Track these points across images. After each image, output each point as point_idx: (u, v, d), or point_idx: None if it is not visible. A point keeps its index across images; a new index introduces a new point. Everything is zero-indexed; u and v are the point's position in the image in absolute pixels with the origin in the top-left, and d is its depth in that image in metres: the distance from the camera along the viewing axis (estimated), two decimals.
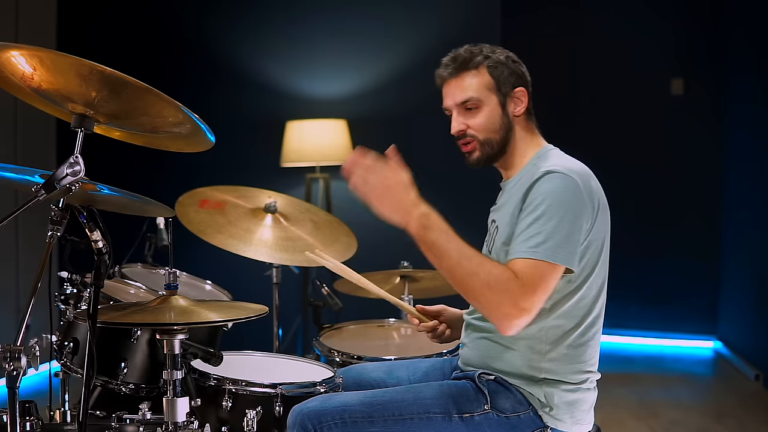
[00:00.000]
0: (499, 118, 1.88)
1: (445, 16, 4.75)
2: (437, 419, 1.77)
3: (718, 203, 5.44)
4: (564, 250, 1.67)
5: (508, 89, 1.88)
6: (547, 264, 1.65)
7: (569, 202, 1.71)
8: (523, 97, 1.90)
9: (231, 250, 2.72)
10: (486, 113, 1.87)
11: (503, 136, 1.89)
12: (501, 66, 1.88)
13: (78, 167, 1.55)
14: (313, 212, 3.01)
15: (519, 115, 1.90)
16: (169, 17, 5.06)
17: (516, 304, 1.60)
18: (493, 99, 1.87)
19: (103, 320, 1.75)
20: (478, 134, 1.88)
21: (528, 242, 1.67)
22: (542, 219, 1.69)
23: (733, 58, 5.23)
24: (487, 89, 1.87)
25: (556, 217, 1.68)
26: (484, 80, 1.87)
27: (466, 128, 1.89)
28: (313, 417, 1.75)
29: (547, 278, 1.65)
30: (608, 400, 4.10)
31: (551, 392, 1.78)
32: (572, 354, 1.79)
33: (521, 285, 1.61)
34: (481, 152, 1.89)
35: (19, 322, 1.50)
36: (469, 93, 1.87)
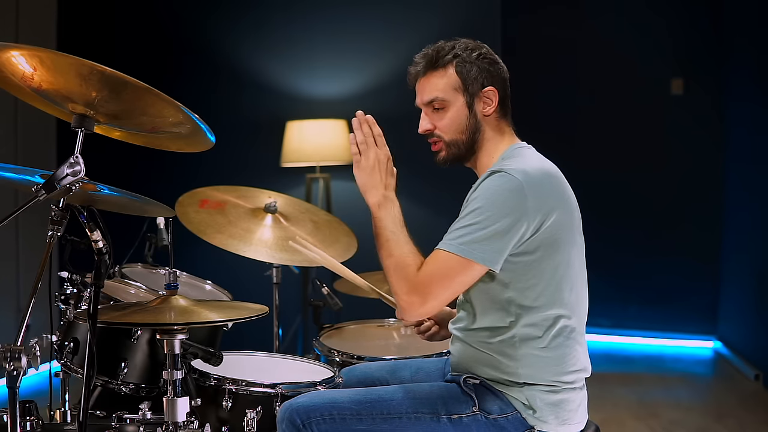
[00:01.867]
0: (466, 119, 1.86)
1: (445, 16, 4.75)
2: (425, 419, 1.77)
3: (718, 203, 5.44)
4: (482, 247, 1.69)
5: (476, 89, 1.85)
6: (458, 258, 1.70)
7: (502, 202, 1.71)
8: (493, 97, 1.86)
9: (231, 250, 2.72)
10: (452, 113, 1.86)
11: (470, 136, 1.87)
12: (470, 65, 1.85)
13: (78, 167, 1.55)
14: (313, 212, 3.01)
15: (488, 115, 1.87)
16: (170, 17, 5.06)
17: (408, 291, 1.72)
18: (459, 99, 1.85)
19: (103, 320, 1.75)
20: (444, 135, 1.87)
21: (449, 235, 1.73)
22: (470, 215, 1.72)
23: (732, 57, 5.23)
24: (453, 89, 1.85)
25: (484, 214, 1.70)
26: (451, 80, 1.85)
27: (433, 128, 1.88)
28: (302, 412, 1.76)
29: (453, 272, 1.71)
30: (608, 400, 4.09)
31: (533, 395, 1.78)
32: (550, 357, 1.78)
33: (416, 275, 1.72)
34: (447, 152, 1.89)
35: (19, 322, 1.50)
36: (435, 93, 1.86)
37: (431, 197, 4.76)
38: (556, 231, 1.76)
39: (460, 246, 1.70)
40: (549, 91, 5.54)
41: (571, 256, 1.81)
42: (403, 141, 5.20)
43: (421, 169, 4.94)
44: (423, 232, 5.28)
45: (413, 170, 4.79)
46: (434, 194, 4.73)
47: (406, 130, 5.03)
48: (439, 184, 4.66)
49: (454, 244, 1.70)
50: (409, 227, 1.83)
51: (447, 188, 4.65)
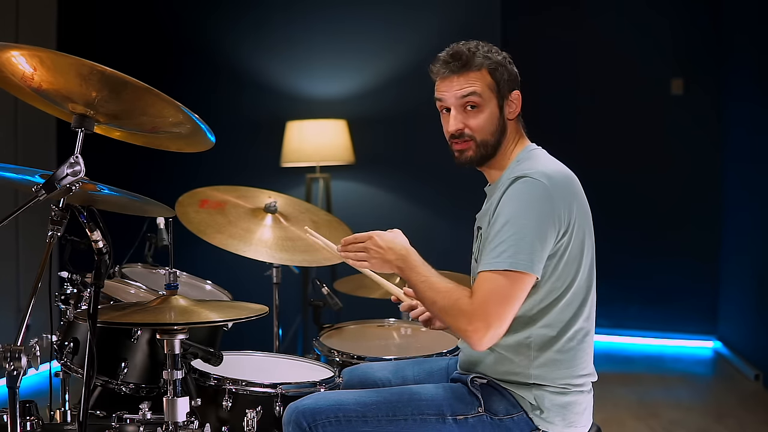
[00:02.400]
0: (497, 120, 1.87)
1: (445, 17, 4.75)
2: (431, 420, 1.77)
3: (717, 203, 5.44)
4: (527, 257, 1.68)
5: (506, 92, 1.88)
6: (508, 273, 1.67)
7: (533, 208, 1.71)
8: (518, 101, 1.89)
9: (231, 250, 2.72)
10: (486, 114, 1.86)
11: (497, 138, 1.88)
12: (501, 68, 1.87)
13: (78, 167, 1.55)
14: (313, 212, 3.01)
15: (512, 119, 1.90)
16: (170, 17, 5.06)
17: (470, 321, 1.67)
18: (493, 100, 1.86)
19: (103, 320, 1.75)
20: (476, 135, 1.86)
21: (492, 253, 1.70)
22: (506, 227, 1.70)
23: (732, 57, 5.23)
24: (489, 90, 1.86)
25: (519, 225, 1.69)
26: (487, 81, 1.85)
27: (464, 128, 1.87)
28: (308, 414, 1.76)
29: (507, 288, 1.67)
30: (608, 400, 4.10)
31: (541, 395, 1.78)
32: (562, 359, 1.78)
33: (472, 302, 1.68)
34: (476, 153, 1.88)
35: (19, 322, 1.50)
36: (473, 88, 1.84)
37: (430, 197, 4.76)
38: (579, 233, 1.78)
39: (507, 260, 1.67)
40: (549, 91, 5.54)
41: (590, 258, 1.83)
42: (403, 141, 5.22)
43: (419, 168, 4.96)
44: (422, 231, 5.28)
45: (411, 170, 4.81)
46: (432, 194, 4.73)
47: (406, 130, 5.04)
48: (437, 184, 4.67)
49: (501, 260, 1.68)
50: (408, 227, 1.84)
51: (445, 188, 4.67)
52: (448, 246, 3.71)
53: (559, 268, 1.76)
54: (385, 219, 4.74)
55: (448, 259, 2.88)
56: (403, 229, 1.87)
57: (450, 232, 4.60)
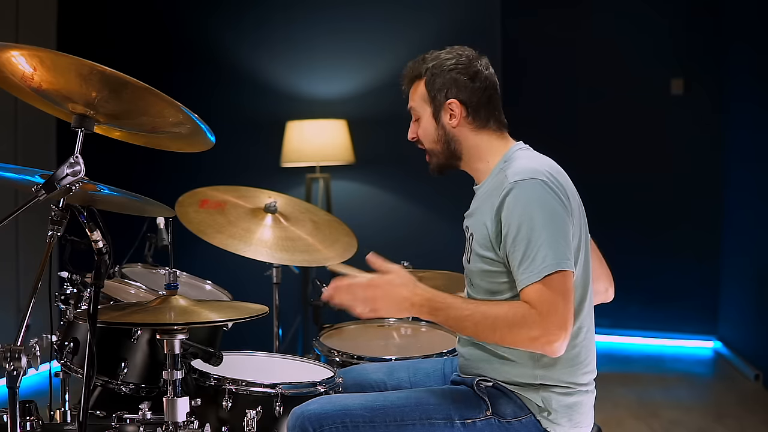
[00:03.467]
0: (434, 130, 1.90)
1: (446, 16, 4.75)
2: (439, 425, 1.77)
3: (718, 203, 5.43)
4: (564, 254, 1.67)
5: (441, 101, 1.88)
6: (555, 275, 1.65)
7: (548, 208, 1.70)
8: (456, 109, 1.86)
9: (231, 250, 2.72)
10: (423, 124, 1.93)
11: (444, 146, 1.90)
12: (437, 77, 1.87)
13: (78, 167, 1.55)
14: (313, 212, 3.01)
15: (455, 127, 1.87)
16: (170, 17, 5.06)
17: (545, 330, 1.62)
18: (427, 110, 1.91)
19: (103, 320, 1.75)
20: (424, 142, 1.94)
21: (532, 265, 1.66)
22: (534, 236, 1.67)
23: (732, 57, 5.23)
24: (422, 100, 1.91)
25: (541, 227, 1.67)
26: (421, 92, 1.91)
27: (415, 136, 1.96)
28: (314, 420, 1.75)
29: (562, 288, 1.65)
30: (608, 400, 4.10)
31: (548, 397, 1.78)
32: (565, 358, 1.77)
33: (539, 312, 1.63)
34: (431, 161, 1.96)
35: (19, 322, 1.50)
36: (410, 103, 1.94)
37: (430, 197, 4.75)
38: (577, 228, 1.78)
39: (552, 264, 1.65)
40: (549, 91, 5.54)
41: (584, 252, 1.82)
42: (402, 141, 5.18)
43: (419, 168, 4.94)
44: (422, 231, 5.26)
45: (411, 170, 4.79)
46: (432, 194, 4.73)
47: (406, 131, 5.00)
48: (437, 185, 4.65)
49: (546, 266, 1.65)
50: (408, 227, 1.84)
51: (445, 188, 4.66)
52: (448, 246, 3.69)
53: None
54: (385, 219, 4.74)
55: (447, 259, 2.88)
56: (403, 229, 1.88)
57: (449, 232, 4.59)
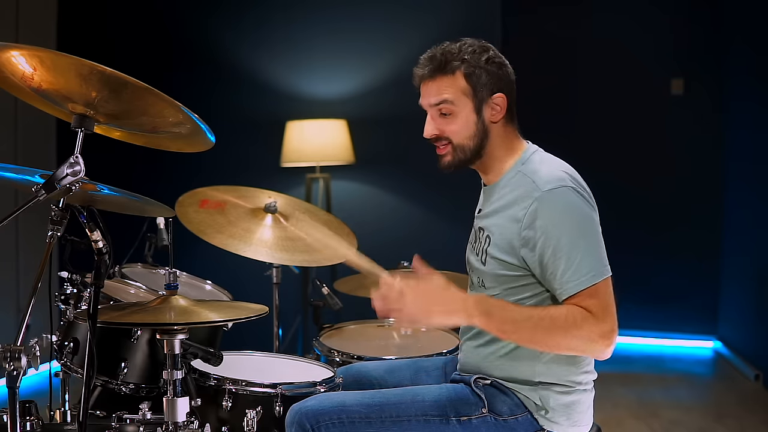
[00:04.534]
0: (474, 125, 1.82)
1: (446, 16, 4.75)
2: (435, 422, 1.77)
3: (718, 203, 5.44)
4: (604, 260, 1.72)
5: (485, 95, 1.82)
6: (602, 282, 1.69)
7: (583, 216, 1.74)
8: (502, 103, 1.83)
9: (231, 250, 2.72)
10: (461, 119, 1.82)
11: (477, 142, 1.83)
12: (479, 70, 1.80)
13: (78, 167, 1.55)
14: (313, 212, 3.01)
15: (496, 122, 1.84)
16: (170, 17, 5.06)
17: (603, 335, 1.65)
18: (468, 105, 1.81)
19: (103, 320, 1.75)
20: (453, 139, 1.84)
21: (576, 275, 1.68)
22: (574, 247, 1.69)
23: (732, 57, 5.23)
24: (463, 95, 1.81)
25: (580, 237, 1.71)
26: (460, 86, 1.81)
27: (440, 132, 1.85)
28: (311, 416, 1.75)
29: (608, 293, 1.69)
30: (608, 400, 4.10)
31: (546, 395, 1.78)
32: (566, 356, 1.78)
33: (595, 317, 1.65)
34: (453, 157, 1.85)
35: (19, 322, 1.50)
36: (443, 96, 1.81)
37: (430, 197, 4.76)
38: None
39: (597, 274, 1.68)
40: (548, 90, 5.53)
41: None
42: (403, 141, 5.21)
43: (419, 169, 4.95)
44: (422, 231, 5.26)
45: (411, 170, 4.80)
46: (432, 194, 4.73)
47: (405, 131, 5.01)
48: (437, 185, 4.67)
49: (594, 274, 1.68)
50: (408, 227, 1.82)
51: (445, 188, 4.67)
52: (448, 246, 3.70)
53: None
54: (385, 219, 4.74)
55: (447, 259, 2.88)
56: (403, 229, 1.87)
57: (450, 232, 4.59)
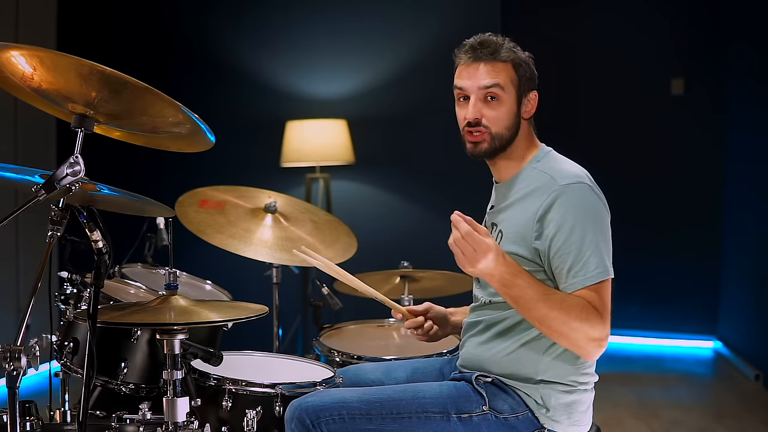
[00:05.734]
0: (513, 116, 1.86)
1: (445, 16, 4.75)
2: (435, 419, 1.77)
3: (718, 203, 5.44)
4: (609, 262, 1.74)
5: (526, 90, 1.88)
6: (605, 282, 1.72)
7: (597, 214, 1.76)
8: (534, 101, 1.90)
9: (231, 250, 2.72)
10: (505, 108, 1.85)
11: (512, 134, 1.87)
12: (525, 65, 1.88)
13: (78, 167, 1.55)
14: (313, 212, 3.01)
15: (527, 118, 1.90)
16: (170, 17, 5.06)
17: (602, 332, 1.69)
18: (513, 96, 1.86)
19: (103, 320, 1.75)
20: (492, 126, 1.85)
21: (584, 270, 1.71)
22: (586, 242, 1.72)
23: (732, 57, 5.23)
24: (512, 84, 1.86)
25: (593, 233, 1.73)
26: (510, 75, 1.86)
27: (482, 117, 1.85)
28: (311, 412, 1.75)
29: (609, 294, 1.72)
30: (608, 400, 4.09)
31: (548, 394, 1.79)
32: (569, 356, 1.79)
33: (599, 313, 1.69)
34: (490, 145, 1.86)
35: (19, 322, 1.50)
36: (497, 80, 1.84)
37: (430, 197, 4.75)
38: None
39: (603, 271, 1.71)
40: (548, 90, 5.52)
41: None
42: (403, 141, 5.21)
43: (419, 168, 4.96)
44: (422, 231, 5.24)
45: (411, 170, 4.81)
46: (432, 194, 4.73)
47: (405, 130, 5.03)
48: (437, 184, 4.67)
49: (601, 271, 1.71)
50: (408, 227, 1.82)
51: (445, 188, 4.67)
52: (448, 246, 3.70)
53: None
54: (385, 219, 4.74)
55: (447, 259, 2.87)
56: (403, 229, 1.87)
57: (449, 232, 4.58)
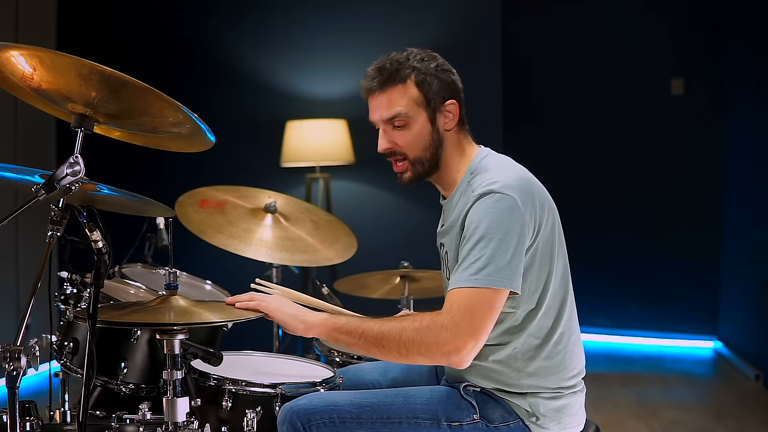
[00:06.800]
0: (429, 135, 1.80)
1: (445, 16, 4.75)
2: (426, 425, 1.76)
3: (718, 203, 5.44)
4: (505, 273, 1.63)
5: (438, 103, 1.80)
6: (488, 290, 1.62)
7: (507, 223, 1.65)
8: (454, 110, 1.81)
9: (231, 250, 2.72)
10: (415, 131, 1.79)
11: (433, 153, 1.81)
12: (430, 77, 1.78)
13: (78, 167, 1.55)
14: (313, 212, 3.01)
15: (449, 129, 1.82)
16: (170, 17, 5.06)
17: (454, 335, 1.60)
18: (422, 115, 1.79)
19: (103, 320, 1.75)
20: (408, 153, 1.80)
21: (468, 270, 1.64)
22: (481, 243, 1.64)
23: (732, 57, 5.23)
24: (416, 104, 1.78)
25: (495, 240, 1.64)
26: (412, 95, 1.78)
27: (395, 146, 1.81)
28: (302, 415, 1.75)
29: (488, 303, 1.63)
30: (608, 400, 4.09)
31: (536, 402, 1.77)
32: (551, 365, 1.78)
33: (452, 316, 1.61)
34: (413, 172, 1.83)
35: (19, 322, 1.50)
36: (397, 109, 1.78)
37: (429, 197, 4.73)
38: (549, 236, 1.75)
39: (487, 278, 1.62)
40: (549, 91, 5.54)
41: (563, 257, 1.80)
42: None
43: None
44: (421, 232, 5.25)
45: None
46: (432, 194, 4.71)
47: None
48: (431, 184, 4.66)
49: (480, 278, 1.62)
50: (408, 227, 1.81)
51: None
52: None
53: (532, 276, 1.73)
54: (385, 219, 4.74)
55: None
56: (403, 229, 1.86)
57: None
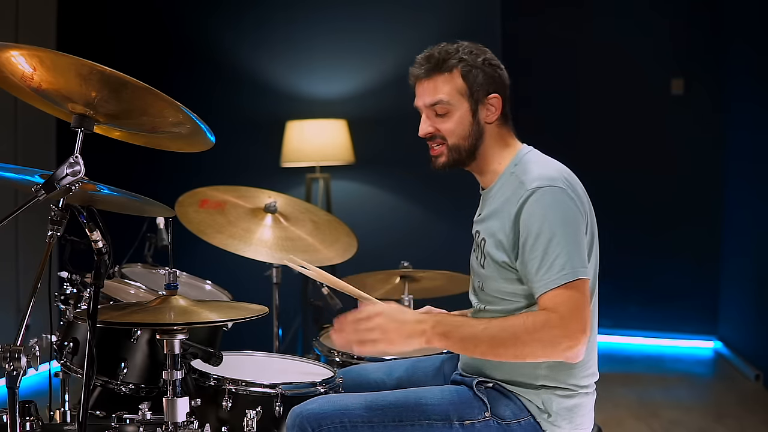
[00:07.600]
0: (469, 125, 1.83)
1: (445, 16, 4.75)
2: (437, 426, 1.76)
3: (718, 203, 5.44)
4: (583, 262, 1.68)
5: (481, 95, 1.83)
6: (575, 282, 1.65)
7: (567, 216, 1.70)
8: (497, 104, 1.84)
9: (231, 250, 2.72)
10: (456, 119, 1.83)
11: (472, 143, 1.84)
12: (476, 70, 1.82)
13: (78, 167, 1.55)
14: (313, 212, 3.01)
15: (491, 123, 1.85)
16: (170, 17, 5.06)
17: (567, 332, 1.62)
18: (464, 105, 1.83)
19: (103, 320, 1.75)
20: (448, 138, 1.84)
21: (552, 269, 1.66)
22: (552, 243, 1.67)
23: (732, 57, 5.23)
24: (459, 94, 1.82)
25: (561, 235, 1.67)
26: (457, 85, 1.82)
27: (435, 131, 1.86)
28: (313, 420, 1.74)
29: (583, 294, 1.66)
30: (608, 400, 4.10)
31: (549, 399, 1.78)
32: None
33: (560, 315, 1.63)
34: (448, 157, 1.86)
35: (19, 322, 1.50)
36: (439, 96, 1.83)
37: (430, 197, 4.75)
38: (590, 232, 1.79)
39: (573, 272, 1.65)
40: (549, 91, 5.54)
41: (595, 258, 1.82)
42: (402, 141, 5.20)
43: (419, 169, 4.94)
44: (422, 232, 5.25)
45: (411, 171, 4.80)
46: (432, 194, 4.73)
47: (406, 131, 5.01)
48: (437, 185, 4.67)
49: (564, 274, 1.65)
50: (408, 227, 1.82)
51: (445, 188, 4.66)
52: (448, 246, 3.70)
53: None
54: (385, 219, 4.74)
55: (447, 259, 2.88)
56: (403, 229, 1.87)
57: (449, 232, 4.59)
